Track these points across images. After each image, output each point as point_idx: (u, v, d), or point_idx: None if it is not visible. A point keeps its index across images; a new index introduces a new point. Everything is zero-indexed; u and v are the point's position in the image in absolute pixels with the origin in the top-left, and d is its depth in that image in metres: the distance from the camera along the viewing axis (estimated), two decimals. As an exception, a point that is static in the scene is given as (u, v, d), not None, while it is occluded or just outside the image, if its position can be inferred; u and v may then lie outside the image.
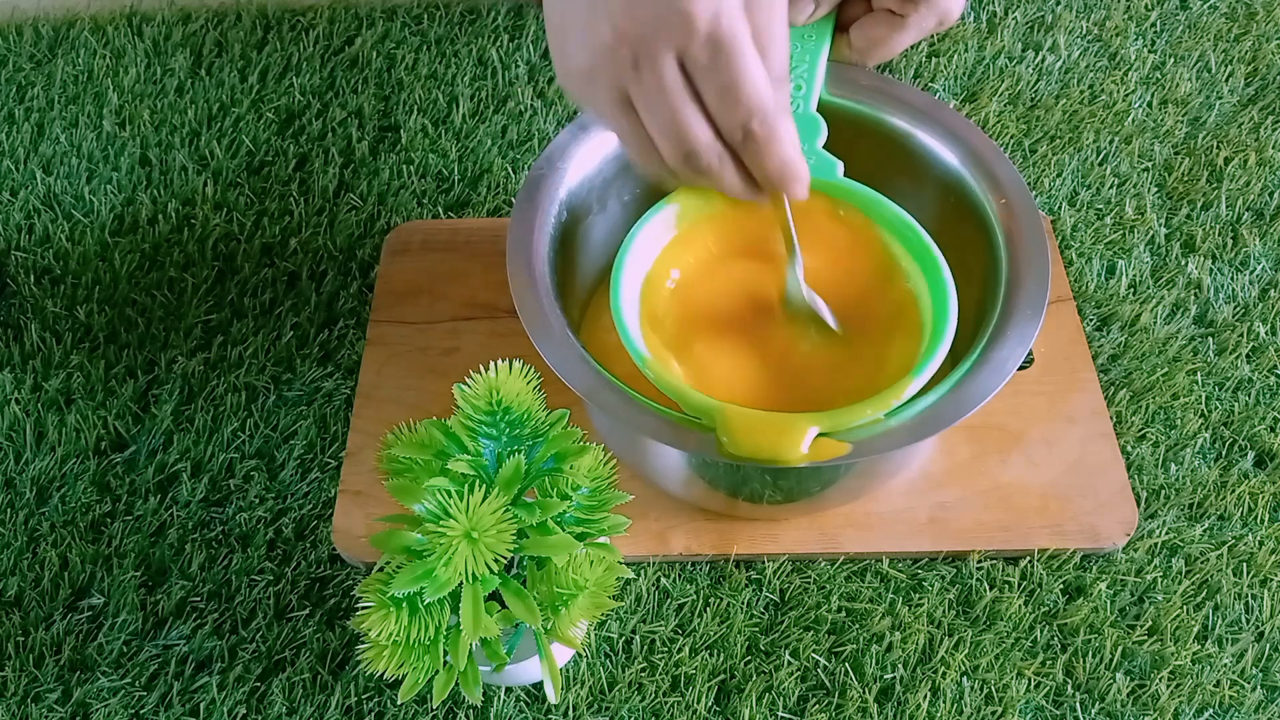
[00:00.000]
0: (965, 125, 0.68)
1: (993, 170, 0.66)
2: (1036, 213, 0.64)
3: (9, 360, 0.77)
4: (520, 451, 0.54)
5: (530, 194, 0.66)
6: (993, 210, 0.65)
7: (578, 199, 0.68)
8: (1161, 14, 0.96)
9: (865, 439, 0.56)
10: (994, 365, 0.58)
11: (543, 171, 0.67)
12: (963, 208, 0.67)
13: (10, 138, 0.90)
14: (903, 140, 0.70)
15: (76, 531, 0.69)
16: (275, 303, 0.79)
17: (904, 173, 0.71)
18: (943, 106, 0.69)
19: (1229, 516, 0.68)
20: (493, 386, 0.51)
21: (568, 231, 0.68)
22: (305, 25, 0.97)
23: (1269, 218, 0.82)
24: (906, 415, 0.57)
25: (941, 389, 0.58)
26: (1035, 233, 0.63)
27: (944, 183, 0.68)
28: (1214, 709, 0.62)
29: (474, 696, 0.53)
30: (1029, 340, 0.59)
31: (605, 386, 0.58)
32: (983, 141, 0.68)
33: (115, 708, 0.63)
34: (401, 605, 0.50)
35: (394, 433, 0.55)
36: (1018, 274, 0.62)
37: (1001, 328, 0.60)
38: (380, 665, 0.50)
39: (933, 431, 0.57)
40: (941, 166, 0.68)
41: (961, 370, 0.59)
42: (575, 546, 0.52)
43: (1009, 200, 0.65)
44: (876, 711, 0.62)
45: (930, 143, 0.69)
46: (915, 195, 0.71)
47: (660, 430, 0.57)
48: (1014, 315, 0.60)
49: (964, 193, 0.67)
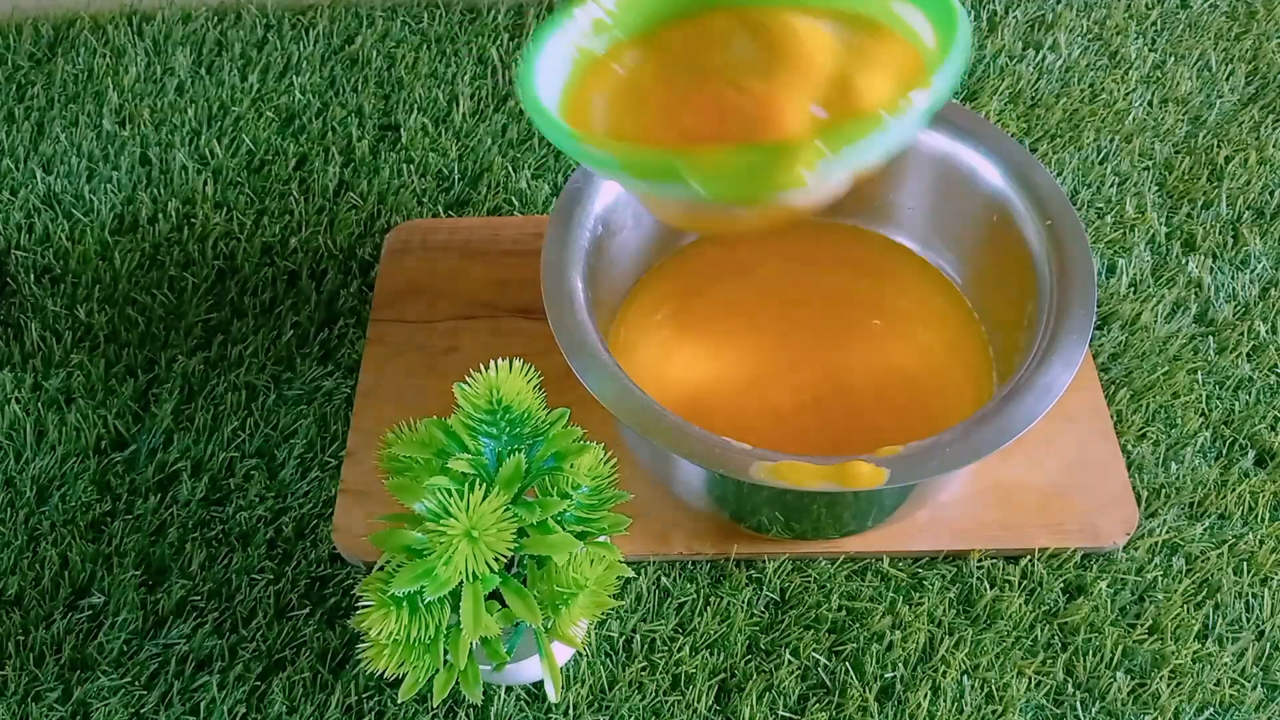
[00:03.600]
0: (1006, 141, 0.67)
1: (1036, 188, 0.65)
2: (1082, 234, 0.63)
3: (9, 359, 0.77)
4: (520, 450, 0.54)
5: (567, 208, 0.66)
6: (1037, 231, 0.65)
7: (612, 213, 0.68)
8: (1162, 13, 0.96)
9: (906, 465, 0.55)
10: (1040, 389, 0.58)
11: (579, 185, 0.67)
12: (1006, 228, 0.67)
13: (10, 137, 0.90)
14: (944, 160, 0.69)
15: (77, 530, 0.69)
16: (275, 302, 0.79)
17: (946, 194, 0.70)
18: (983, 122, 0.68)
19: (1229, 515, 0.68)
20: (493, 385, 0.51)
21: (601, 245, 0.67)
22: (306, 24, 0.97)
23: (1269, 216, 0.82)
24: (951, 440, 0.56)
25: (986, 412, 0.57)
26: (1081, 256, 0.62)
27: (987, 202, 0.68)
28: (1214, 708, 0.62)
29: (474, 695, 0.53)
30: (1075, 364, 0.58)
31: (645, 409, 0.57)
32: (1025, 158, 0.67)
33: (115, 707, 0.63)
34: (402, 604, 0.50)
35: (394, 431, 0.55)
36: (1064, 296, 0.61)
37: (1047, 351, 0.59)
38: (380, 664, 0.50)
39: (979, 456, 0.56)
40: (985, 186, 0.67)
41: (1002, 395, 0.58)
42: (575, 545, 0.52)
43: (1054, 221, 0.64)
44: (877, 710, 0.62)
45: (972, 161, 0.68)
46: (958, 215, 0.70)
47: (694, 450, 0.56)
48: (1059, 339, 0.60)
49: (1007, 213, 0.67)
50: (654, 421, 0.57)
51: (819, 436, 0.68)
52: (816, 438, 0.68)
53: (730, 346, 0.72)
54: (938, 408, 0.69)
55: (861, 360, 0.71)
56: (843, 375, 0.70)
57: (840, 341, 0.72)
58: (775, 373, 0.71)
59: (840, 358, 0.71)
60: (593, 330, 0.61)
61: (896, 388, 0.70)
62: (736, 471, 0.55)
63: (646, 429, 0.57)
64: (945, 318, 0.73)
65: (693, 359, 0.72)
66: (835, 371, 0.70)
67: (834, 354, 0.71)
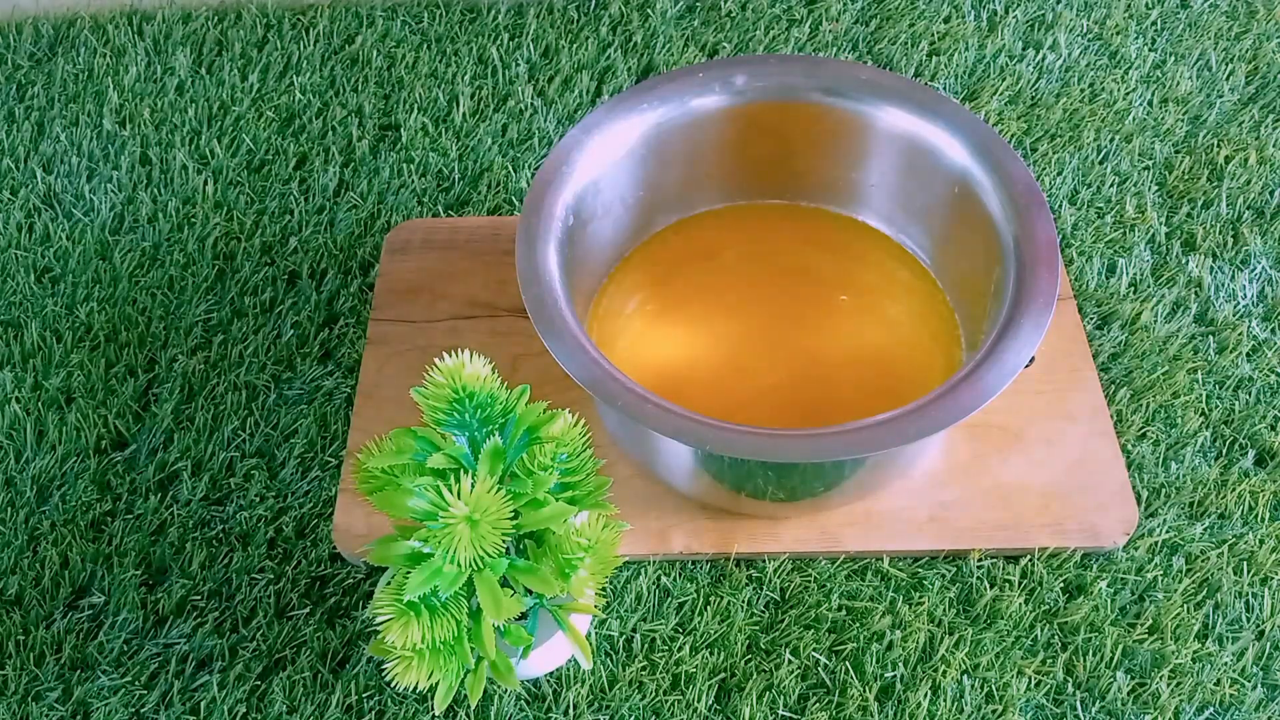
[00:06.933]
0: (971, 119, 0.69)
1: (1001, 165, 0.67)
2: (1046, 209, 0.64)
3: (9, 359, 0.77)
4: (494, 432, 0.54)
5: (537, 198, 0.66)
6: (1001, 206, 0.66)
7: (583, 202, 0.69)
8: (1162, 12, 0.96)
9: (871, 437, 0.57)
10: (1003, 362, 0.58)
11: (548, 176, 0.67)
12: (967, 199, 0.68)
13: (10, 136, 0.90)
14: (908, 137, 0.70)
15: (77, 530, 0.69)
16: (275, 301, 0.79)
17: (910, 171, 0.71)
18: (945, 99, 0.70)
19: (1229, 515, 0.68)
20: (452, 374, 0.51)
21: (574, 234, 0.68)
22: (306, 24, 0.97)
23: (1269, 216, 0.82)
24: (915, 410, 0.57)
25: (951, 384, 0.58)
26: (1045, 230, 0.63)
27: (950, 178, 0.69)
28: (1214, 707, 0.62)
29: (512, 684, 0.54)
30: (1037, 338, 0.59)
31: (611, 381, 0.59)
32: (989, 136, 0.68)
33: (115, 706, 0.63)
34: (420, 609, 0.50)
35: (365, 450, 0.54)
36: (1027, 271, 0.62)
37: (1010, 325, 0.60)
38: (410, 678, 0.50)
39: (941, 426, 0.57)
40: (948, 162, 0.69)
41: (970, 366, 0.59)
42: (570, 513, 0.53)
43: (1017, 195, 0.65)
44: (877, 710, 0.62)
45: (936, 138, 0.69)
46: (921, 189, 0.71)
47: (666, 424, 0.57)
48: (1023, 313, 0.60)
49: (968, 184, 0.68)
50: (619, 391, 0.59)
51: (796, 411, 0.70)
52: (793, 412, 0.70)
53: (703, 331, 0.74)
54: (908, 376, 0.71)
55: (831, 336, 0.73)
56: (815, 351, 0.73)
57: (809, 319, 0.74)
58: (749, 353, 0.73)
59: (810, 335, 0.73)
60: (565, 305, 0.62)
61: (867, 361, 0.72)
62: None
63: (610, 397, 0.58)
64: (911, 290, 0.75)
65: (668, 345, 0.73)
66: (807, 347, 0.73)
67: (804, 331, 0.74)
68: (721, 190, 0.78)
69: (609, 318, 0.74)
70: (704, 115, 0.72)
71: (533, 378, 0.66)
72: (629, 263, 0.76)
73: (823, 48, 0.93)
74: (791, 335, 0.73)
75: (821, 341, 0.73)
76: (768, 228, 0.78)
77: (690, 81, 0.71)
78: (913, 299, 0.75)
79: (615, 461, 0.69)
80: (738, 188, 0.78)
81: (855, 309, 0.74)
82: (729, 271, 0.77)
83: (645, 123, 0.70)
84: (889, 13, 0.95)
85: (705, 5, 0.97)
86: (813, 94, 0.71)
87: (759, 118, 0.72)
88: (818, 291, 0.75)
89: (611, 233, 0.74)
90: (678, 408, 0.58)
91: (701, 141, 0.73)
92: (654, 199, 0.75)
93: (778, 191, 0.78)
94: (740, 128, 0.73)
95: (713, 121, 0.72)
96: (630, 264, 0.76)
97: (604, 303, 0.75)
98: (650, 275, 0.76)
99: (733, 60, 0.74)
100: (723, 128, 0.73)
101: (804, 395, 0.70)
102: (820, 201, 0.78)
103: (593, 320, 0.74)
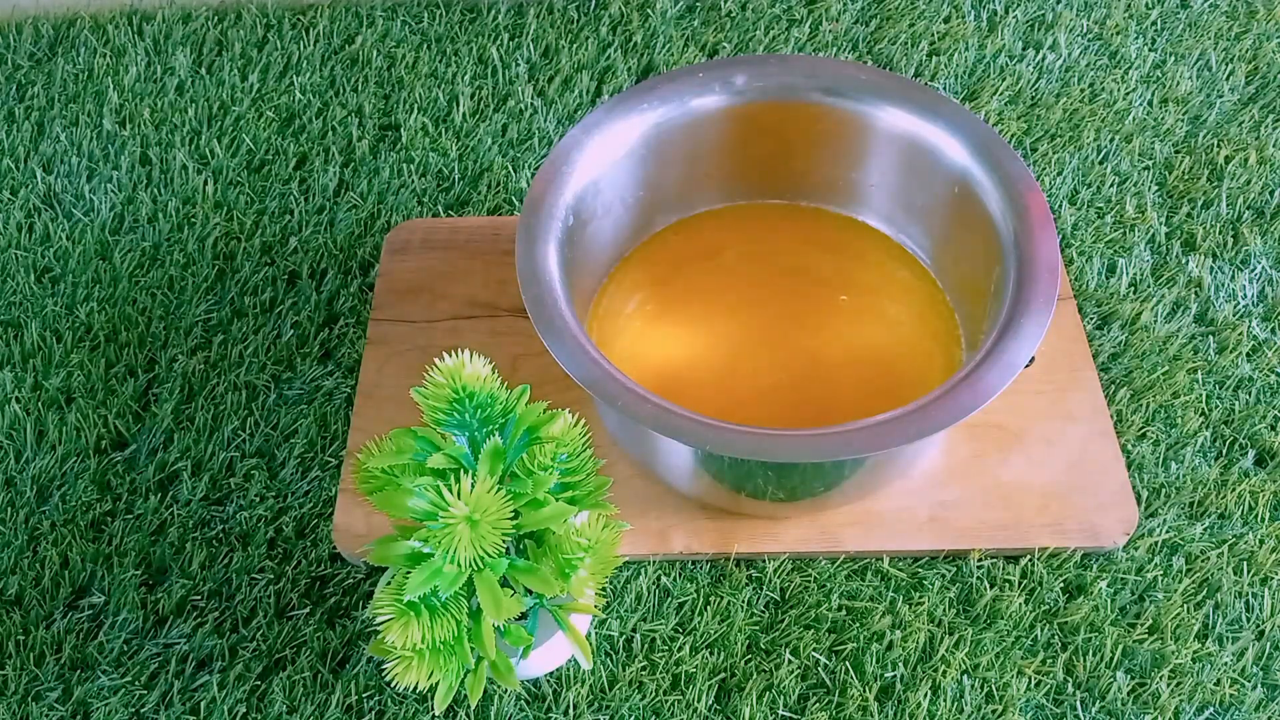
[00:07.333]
0: (971, 119, 0.69)
1: (1001, 165, 0.67)
2: (1046, 209, 0.64)
3: (9, 359, 0.77)
4: (494, 432, 0.54)
5: (537, 198, 0.66)
6: (1001, 206, 0.66)
7: (583, 202, 0.69)
8: (1162, 12, 0.96)
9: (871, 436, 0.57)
10: (1003, 362, 0.59)
11: (549, 176, 0.67)
12: (967, 198, 0.68)
13: (10, 136, 0.90)
14: (908, 137, 0.70)
15: (77, 530, 0.69)
16: (275, 301, 0.79)
17: (910, 171, 0.71)
18: (945, 99, 0.70)
19: (1229, 515, 0.68)
20: (452, 374, 0.51)
21: (574, 234, 0.68)
22: (306, 24, 0.97)
23: (1269, 216, 0.82)
24: (915, 411, 0.57)
25: (951, 384, 0.58)
26: (1045, 230, 0.63)
27: (950, 178, 0.69)
28: (1214, 707, 0.62)
29: (513, 684, 0.54)
30: (1037, 338, 0.59)
31: (611, 381, 0.59)
32: (989, 136, 0.68)
33: (115, 706, 0.63)
34: (420, 609, 0.50)
35: (365, 450, 0.54)
36: (1027, 271, 0.62)
37: (1010, 325, 0.60)
38: (410, 678, 0.50)
39: (941, 426, 0.57)
40: (948, 162, 0.69)
41: (970, 366, 0.59)
42: (570, 512, 0.53)
43: (1017, 195, 0.65)
44: (877, 710, 0.62)
45: (936, 138, 0.69)
46: (921, 190, 0.71)
47: (666, 424, 0.57)
48: (1024, 312, 0.61)
49: (968, 184, 0.68)
50: (619, 391, 0.59)
51: (796, 411, 0.70)
52: (793, 412, 0.70)
53: (703, 331, 0.74)
54: (908, 376, 0.71)
55: (831, 336, 0.73)
56: (815, 351, 0.73)
57: (809, 319, 0.74)
58: (750, 353, 0.73)
59: (810, 335, 0.73)
60: (565, 305, 0.62)
61: (867, 361, 0.72)
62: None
63: (610, 398, 0.58)
64: (911, 290, 0.75)
65: (668, 345, 0.73)
66: (807, 347, 0.73)
67: (804, 331, 0.74)
68: (721, 190, 0.78)
69: (609, 318, 0.74)
70: (704, 115, 0.72)
71: (533, 378, 0.66)
72: (629, 263, 0.77)
73: (823, 48, 0.93)
74: (791, 335, 0.73)
75: (821, 341, 0.73)
76: (768, 228, 0.78)
77: (690, 81, 0.71)
78: (913, 299, 0.75)
79: (615, 461, 0.69)
80: (738, 188, 0.78)
81: (855, 309, 0.75)
82: (729, 271, 0.77)
83: (645, 123, 0.71)
84: (889, 13, 0.95)
85: (705, 5, 0.97)
86: (813, 94, 0.71)
87: (759, 118, 0.73)
88: (818, 291, 0.75)
89: (611, 233, 0.74)
90: (678, 408, 0.58)
91: (701, 141, 0.73)
92: (654, 199, 0.75)
93: (778, 191, 0.78)
94: (740, 128, 0.73)
95: (713, 121, 0.72)
96: (630, 264, 0.77)
97: (604, 303, 0.75)
98: (650, 275, 0.76)
99: (733, 60, 0.74)
100: (723, 128, 0.73)
101: (804, 395, 0.71)
102: (820, 201, 0.78)
103: (593, 320, 0.74)
